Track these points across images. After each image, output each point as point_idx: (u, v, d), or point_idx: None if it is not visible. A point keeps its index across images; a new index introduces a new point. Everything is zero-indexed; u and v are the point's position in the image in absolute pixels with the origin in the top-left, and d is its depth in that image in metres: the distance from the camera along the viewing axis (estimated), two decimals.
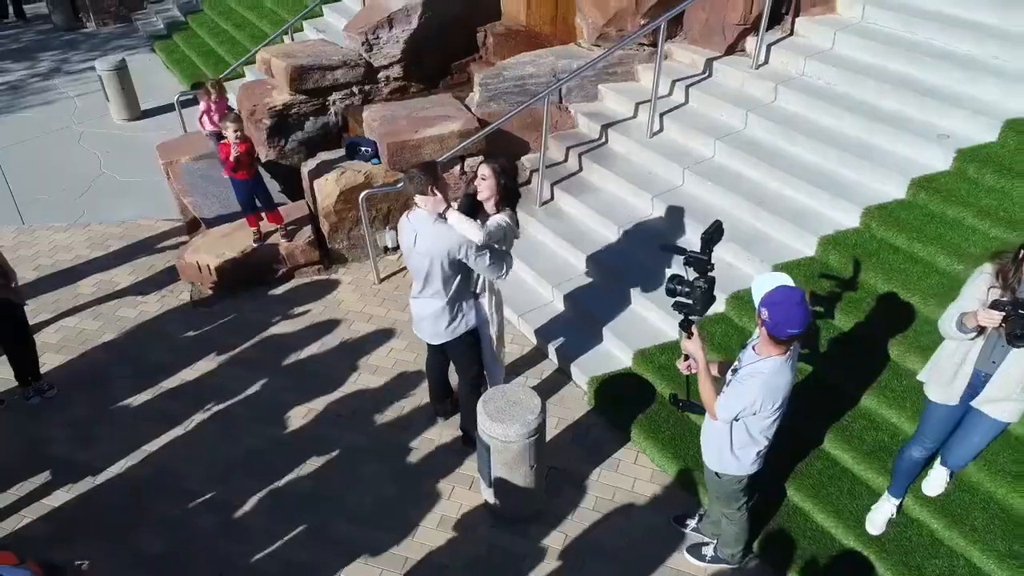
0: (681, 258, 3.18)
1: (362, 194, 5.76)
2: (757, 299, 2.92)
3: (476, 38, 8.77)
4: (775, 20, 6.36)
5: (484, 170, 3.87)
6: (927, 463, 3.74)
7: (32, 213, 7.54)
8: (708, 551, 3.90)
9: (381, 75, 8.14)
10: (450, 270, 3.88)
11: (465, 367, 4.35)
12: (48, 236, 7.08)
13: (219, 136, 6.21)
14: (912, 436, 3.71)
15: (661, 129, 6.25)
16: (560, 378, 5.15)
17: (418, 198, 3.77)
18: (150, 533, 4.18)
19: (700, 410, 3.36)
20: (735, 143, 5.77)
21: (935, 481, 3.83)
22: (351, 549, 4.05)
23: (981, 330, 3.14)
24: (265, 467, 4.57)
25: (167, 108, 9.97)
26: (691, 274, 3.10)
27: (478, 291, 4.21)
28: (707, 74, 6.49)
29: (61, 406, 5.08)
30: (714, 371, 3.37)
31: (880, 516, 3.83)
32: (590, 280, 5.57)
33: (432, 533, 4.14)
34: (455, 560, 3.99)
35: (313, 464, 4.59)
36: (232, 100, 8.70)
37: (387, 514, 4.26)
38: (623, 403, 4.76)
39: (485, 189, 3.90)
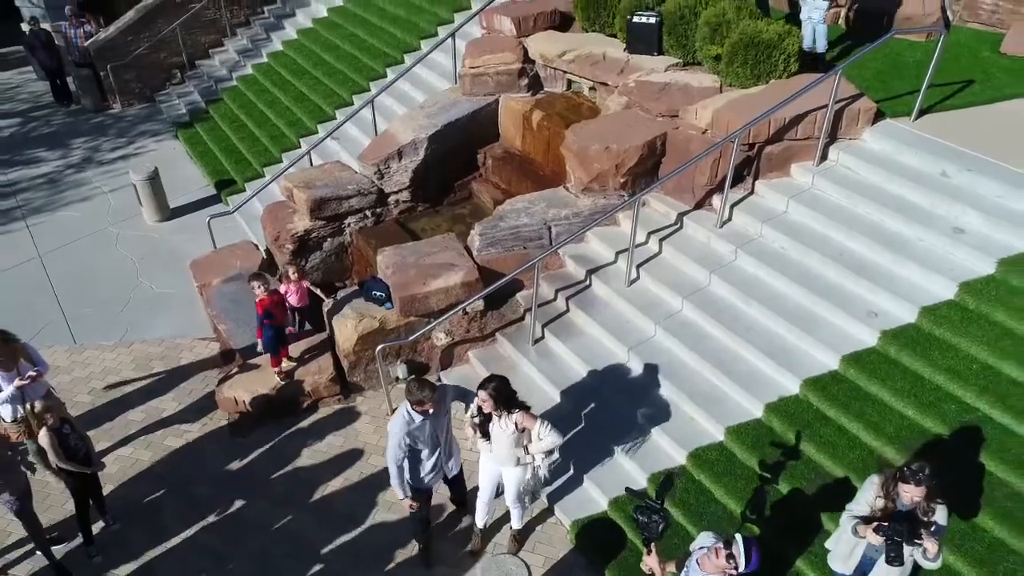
0: (642, 503, 4.06)
1: (378, 348, 6.68)
2: (733, 549, 3.73)
3: (477, 158, 9.72)
4: (738, 180, 7.27)
5: (482, 395, 4.79)
6: None
7: (80, 329, 8.45)
8: None
9: (391, 199, 9.09)
10: None
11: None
12: (97, 356, 7.99)
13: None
14: None
15: (637, 278, 7.16)
16: (548, 516, 6.04)
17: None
18: None
19: None
20: (700, 300, 6.69)
21: None
22: None
23: None
24: None
25: (194, 206, 10.94)
26: (649, 511, 3.99)
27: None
28: (679, 226, 7.41)
29: (124, 539, 5.99)
30: (671, 568, 4.27)
31: None
32: (574, 423, 6.45)
33: None
34: None
35: None
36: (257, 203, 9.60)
37: None
38: (600, 545, 5.66)
39: (488, 407, 4.84)
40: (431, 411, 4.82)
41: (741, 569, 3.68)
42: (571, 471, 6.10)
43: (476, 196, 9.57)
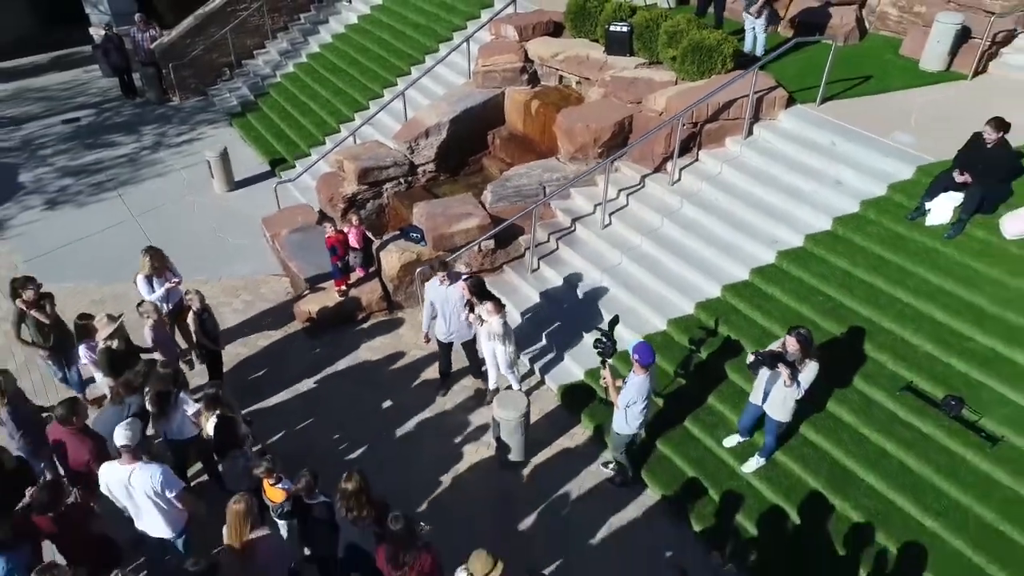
0: (600, 333, 6.42)
1: (417, 271, 9.07)
2: (631, 351, 6.15)
3: (487, 138, 12.09)
4: (686, 150, 9.65)
5: (461, 284, 7.33)
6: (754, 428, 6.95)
7: (180, 269, 10.79)
8: (611, 472, 7.19)
9: (420, 169, 11.48)
10: None
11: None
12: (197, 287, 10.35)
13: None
14: (742, 415, 6.99)
15: (610, 223, 9.54)
16: (541, 385, 8.43)
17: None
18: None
19: (611, 403, 6.64)
20: (655, 238, 9.07)
21: (752, 464, 6.99)
22: (420, 483, 7.34)
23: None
24: (365, 444, 7.83)
25: (253, 179, 13.29)
26: (605, 338, 6.35)
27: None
28: (642, 185, 9.79)
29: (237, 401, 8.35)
30: (619, 383, 6.63)
31: (730, 441, 7.11)
32: (561, 323, 8.81)
33: (465, 473, 7.42)
34: (478, 484, 7.29)
35: (394, 439, 7.85)
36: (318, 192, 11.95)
37: (439, 466, 7.53)
38: (577, 401, 8.03)
39: (466, 294, 7.31)
40: (446, 283, 7.38)
41: (639, 360, 6.04)
42: (555, 351, 8.49)
43: (486, 169, 11.94)
